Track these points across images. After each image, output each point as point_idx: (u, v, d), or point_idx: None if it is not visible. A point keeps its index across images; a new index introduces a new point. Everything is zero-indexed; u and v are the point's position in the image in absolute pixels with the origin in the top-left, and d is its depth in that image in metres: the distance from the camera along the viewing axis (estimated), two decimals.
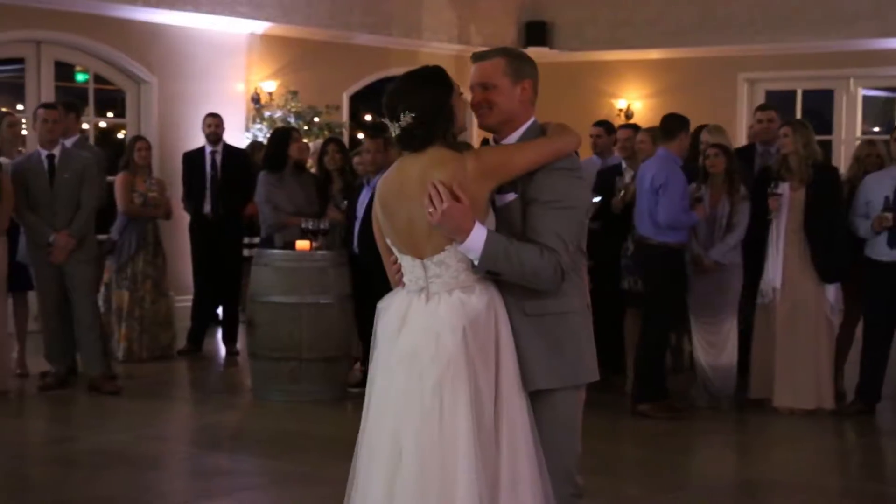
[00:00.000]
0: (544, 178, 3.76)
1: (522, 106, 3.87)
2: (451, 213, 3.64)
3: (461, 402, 3.66)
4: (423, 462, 3.67)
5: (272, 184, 9.39)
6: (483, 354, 3.71)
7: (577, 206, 3.82)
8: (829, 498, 6.70)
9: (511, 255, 3.67)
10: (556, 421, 3.85)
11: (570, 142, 3.85)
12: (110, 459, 7.22)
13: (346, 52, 14.46)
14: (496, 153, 3.85)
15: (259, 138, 12.96)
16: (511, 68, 3.85)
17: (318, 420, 8.14)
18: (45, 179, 8.78)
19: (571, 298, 3.85)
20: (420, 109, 3.74)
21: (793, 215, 8.19)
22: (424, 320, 3.77)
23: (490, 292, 3.77)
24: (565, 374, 3.84)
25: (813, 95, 15.20)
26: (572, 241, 3.78)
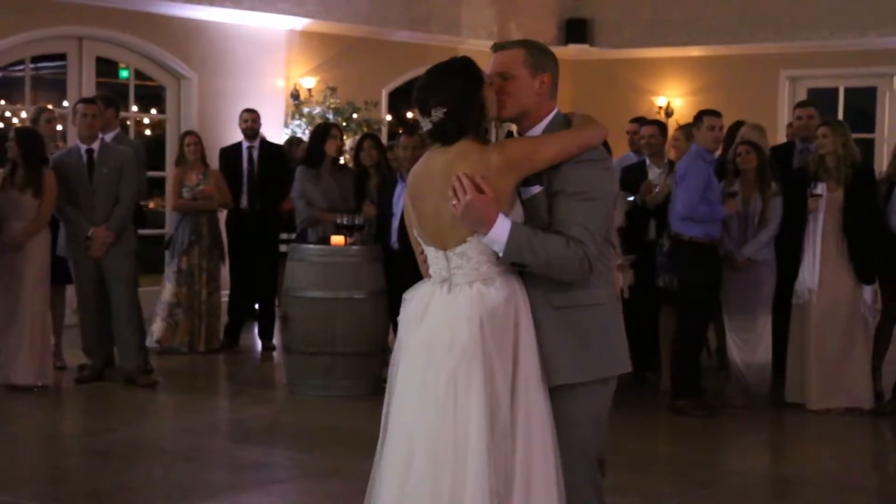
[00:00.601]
0: (571, 169, 3.72)
1: (540, 98, 3.82)
2: (473, 204, 3.62)
3: (474, 395, 3.63)
4: (436, 454, 3.66)
5: (308, 179, 9.42)
6: (500, 347, 3.67)
7: (604, 198, 3.77)
8: (865, 497, 6.66)
9: (536, 246, 3.64)
10: (584, 415, 3.80)
11: (595, 134, 3.79)
12: (145, 451, 7.29)
13: (385, 48, 14.48)
14: (521, 145, 3.81)
15: (298, 134, 13.02)
16: (530, 60, 3.82)
17: (350, 415, 8.16)
18: (84, 174, 8.86)
19: (599, 290, 3.79)
20: (451, 103, 3.72)
21: (830, 216, 8.13)
22: (443, 312, 3.75)
23: (512, 285, 3.73)
24: (594, 366, 3.79)
25: (855, 93, 15.08)
26: (599, 232, 3.73)
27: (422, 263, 3.97)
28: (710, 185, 8.16)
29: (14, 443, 7.46)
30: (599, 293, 3.79)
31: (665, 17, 15.57)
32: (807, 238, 8.20)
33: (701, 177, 8.07)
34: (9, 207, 8.68)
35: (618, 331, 3.87)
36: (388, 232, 8.92)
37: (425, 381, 3.72)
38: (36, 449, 7.46)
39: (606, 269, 3.83)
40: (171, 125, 12.96)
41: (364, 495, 6.18)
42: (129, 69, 12.78)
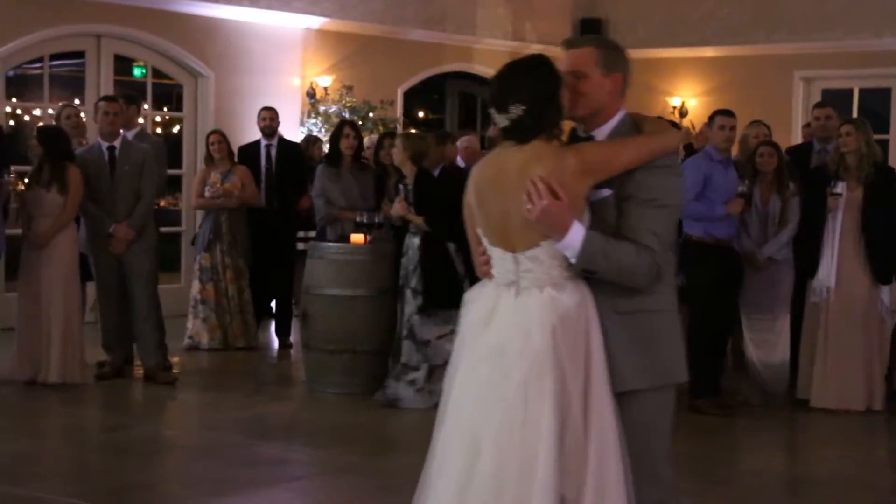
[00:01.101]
0: (645, 175, 3.66)
1: (612, 98, 3.77)
2: (549, 210, 3.55)
3: (546, 403, 3.57)
4: (501, 461, 3.60)
5: (328, 177, 9.48)
6: (572, 354, 3.61)
7: (674, 205, 3.73)
8: (879, 496, 6.68)
9: (609, 253, 3.59)
10: (643, 422, 3.74)
11: (671, 140, 3.75)
12: (165, 447, 7.34)
13: (400, 47, 14.54)
14: (600, 150, 3.72)
15: (314, 133, 13.07)
16: (603, 59, 3.77)
17: (370, 412, 8.20)
18: (105, 171, 8.91)
19: (663, 296, 3.75)
20: (531, 101, 3.65)
21: (849, 215, 8.15)
22: (513, 316, 3.68)
23: (582, 291, 3.67)
24: (657, 373, 3.74)
25: (870, 94, 15.08)
26: (667, 239, 3.70)
27: (481, 263, 3.85)
28: (711, 183, 8.14)
29: (38, 438, 7.51)
30: (664, 299, 3.76)
31: (679, 17, 15.59)
32: (825, 237, 8.22)
33: (696, 175, 8.06)
34: (36, 205, 8.75)
35: (678, 338, 3.84)
36: None
37: (492, 385, 3.65)
38: (59, 444, 7.52)
39: (671, 275, 3.80)
40: (188, 123, 13.02)
41: (383, 492, 6.29)
42: (147, 67, 12.82)
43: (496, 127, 9.79)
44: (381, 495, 6.28)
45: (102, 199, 8.90)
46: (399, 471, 6.68)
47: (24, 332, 8.77)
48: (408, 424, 8.09)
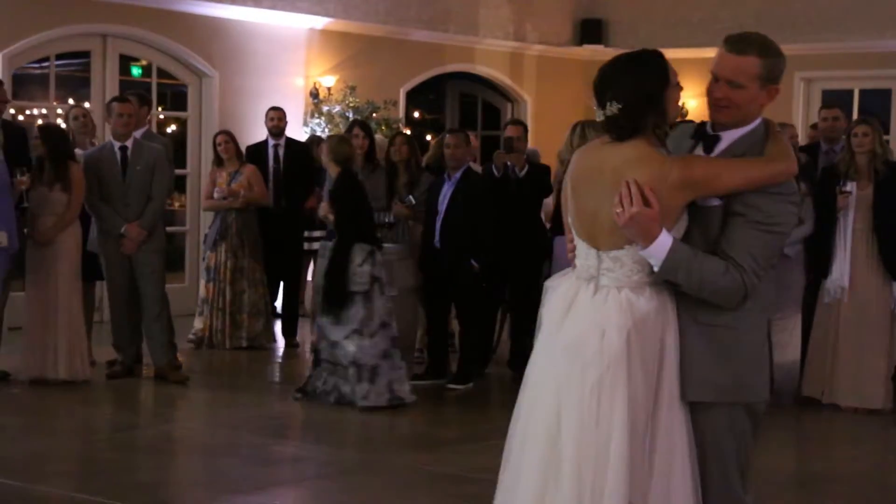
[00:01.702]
0: (756, 197, 3.56)
1: (760, 109, 3.68)
2: (639, 218, 3.48)
3: (618, 405, 3.54)
4: (580, 461, 3.58)
5: None
6: (645, 359, 3.57)
7: (782, 232, 3.62)
8: (890, 494, 6.74)
9: (692, 269, 3.53)
10: (710, 438, 3.66)
11: (785, 170, 3.59)
12: (180, 446, 7.37)
13: (403, 47, 14.58)
14: (706, 167, 3.61)
15: (317, 133, 13.11)
16: (765, 72, 3.61)
17: (382, 412, 8.20)
18: (117, 171, 8.94)
19: (749, 314, 3.65)
20: (628, 100, 3.54)
21: (860, 214, 8.20)
22: (591, 313, 3.63)
23: (662, 296, 3.62)
24: (721, 389, 3.64)
25: (870, 95, 15.15)
26: (765, 263, 3.59)
27: (569, 251, 3.83)
28: None
29: (51, 436, 7.52)
30: (747, 317, 3.65)
31: (680, 17, 15.65)
32: (837, 236, 8.25)
33: None
34: (40, 204, 8.77)
35: (758, 359, 3.71)
36: (432, 230, 9.01)
37: (570, 382, 3.62)
38: (73, 443, 7.52)
39: (763, 296, 3.71)
40: (193, 123, 13.04)
41: (399, 490, 6.33)
42: (148, 66, 12.83)
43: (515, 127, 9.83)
44: (397, 493, 6.32)
45: (114, 199, 8.92)
46: (415, 468, 6.75)
47: (31, 330, 8.79)
48: (422, 423, 8.14)
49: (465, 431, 7.81)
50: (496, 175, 9.33)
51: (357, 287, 8.16)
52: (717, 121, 3.71)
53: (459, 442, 7.46)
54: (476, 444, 7.36)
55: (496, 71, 15.91)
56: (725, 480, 3.70)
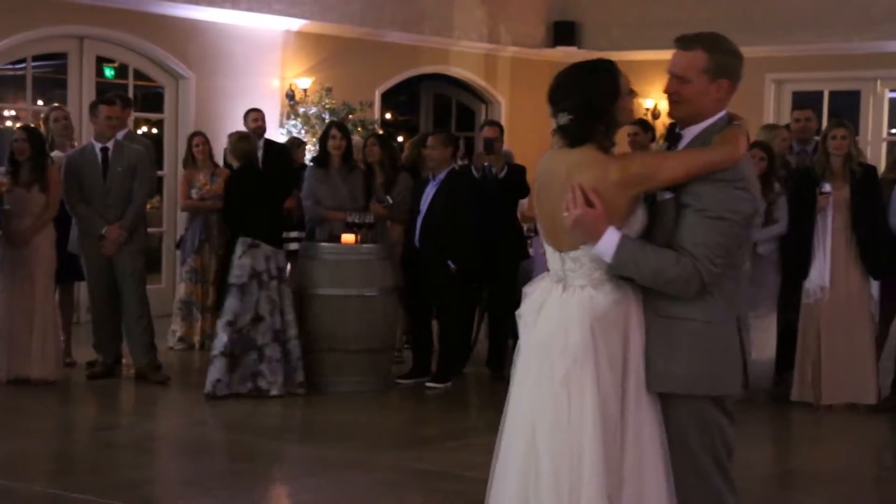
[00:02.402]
0: (700, 185, 3.65)
1: (716, 104, 3.74)
2: (582, 219, 3.62)
3: (588, 397, 3.65)
4: (556, 455, 3.69)
5: (316, 178, 9.56)
6: (610, 352, 3.68)
7: (731, 219, 3.65)
8: (864, 488, 6.86)
9: (640, 262, 3.63)
10: (677, 429, 3.74)
11: (725, 157, 3.65)
12: (164, 445, 7.40)
13: (378, 49, 14.63)
14: (643, 162, 3.77)
15: (294, 134, 13.16)
16: (711, 64, 3.70)
17: (364, 410, 8.32)
18: (98, 172, 8.96)
19: (715, 308, 3.70)
20: (578, 112, 3.69)
21: (838, 214, 8.33)
22: (557, 313, 3.76)
23: (623, 291, 3.72)
24: (682, 381, 3.71)
25: (839, 97, 15.33)
26: (718, 252, 3.64)
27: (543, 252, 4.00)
28: None
29: (33, 436, 7.54)
30: (709, 310, 3.70)
31: (652, 20, 15.76)
32: (816, 237, 8.37)
33: None
34: (18, 205, 8.79)
35: (725, 350, 3.74)
36: (414, 230, 9.11)
37: (541, 381, 3.74)
38: (56, 442, 7.55)
39: (728, 289, 3.74)
40: (169, 124, 13.06)
41: (387, 488, 6.41)
42: (129, 68, 12.84)
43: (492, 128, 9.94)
44: (387, 489, 6.38)
45: (95, 201, 8.94)
46: (402, 466, 6.81)
47: (6, 330, 8.80)
48: (403, 421, 8.22)
49: (447, 429, 7.88)
50: (476, 176, 9.42)
51: (234, 279, 8.47)
52: (672, 116, 3.85)
53: (442, 440, 7.53)
54: (458, 442, 7.45)
55: (470, 72, 16.00)
56: (698, 474, 3.76)
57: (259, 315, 8.45)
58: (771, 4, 15.02)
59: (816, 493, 6.62)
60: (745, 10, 15.10)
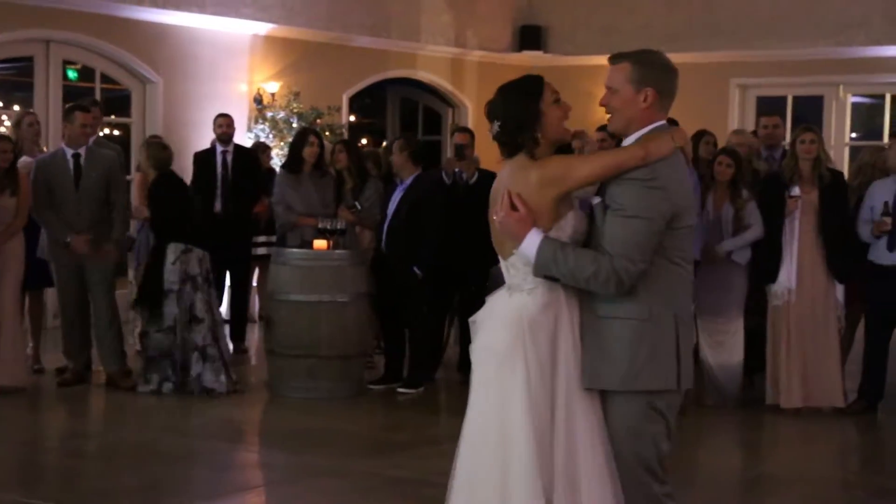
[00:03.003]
0: (615, 186, 3.85)
1: (645, 112, 3.92)
2: (506, 221, 3.87)
3: (517, 399, 3.85)
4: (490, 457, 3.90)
5: (287, 184, 9.56)
6: (539, 353, 3.87)
7: (645, 217, 3.81)
8: (833, 491, 6.93)
9: (559, 261, 3.81)
10: (618, 423, 3.91)
11: (632, 155, 3.85)
12: (138, 452, 7.34)
13: (345, 53, 14.64)
14: (557, 164, 3.94)
15: (262, 139, 13.15)
16: (635, 75, 3.91)
17: (337, 416, 8.33)
18: (69, 178, 8.88)
19: (641, 304, 3.85)
20: (504, 120, 3.98)
21: (806, 217, 8.42)
22: (496, 319, 3.98)
23: (554, 294, 3.92)
24: (612, 378, 3.88)
25: (803, 102, 15.49)
26: (636, 250, 3.79)
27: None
28: None
29: (4, 444, 7.50)
30: (641, 307, 3.86)
31: (617, 24, 15.88)
32: (784, 240, 8.46)
33: None
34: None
35: (659, 346, 3.88)
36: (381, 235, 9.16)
37: (478, 385, 3.99)
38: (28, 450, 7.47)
39: (663, 286, 3.89)
40: (136, 129, 13.01)
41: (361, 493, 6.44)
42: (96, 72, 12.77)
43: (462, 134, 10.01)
44: (361, 496, 6.40)
45: (66, 207, 8.86)
46: (377, 473, 6.82)
47: None
48: (376, 428, 8.24)
49: (420, 436, 7.90)
50: (446, 181, 9.45)
51: (169, 285, 8.71)
52: (609, 129, 4.13)
53: (415, 446, 7.55)
54: (431, 448, 7.46)
55: (437, 77, 16.04)
56: (630, 470, 3.92)
57: (196, 317, 8.73)
58: (735, 11, 15.15)
59: (785, 497, 6.67)
60: (710, 17, 15.24)
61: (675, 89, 3.98)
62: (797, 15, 14.81)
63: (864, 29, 14.54)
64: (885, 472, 7.45)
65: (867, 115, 16.22)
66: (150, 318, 8.82)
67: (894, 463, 7.80)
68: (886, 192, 8.44)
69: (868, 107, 16.14)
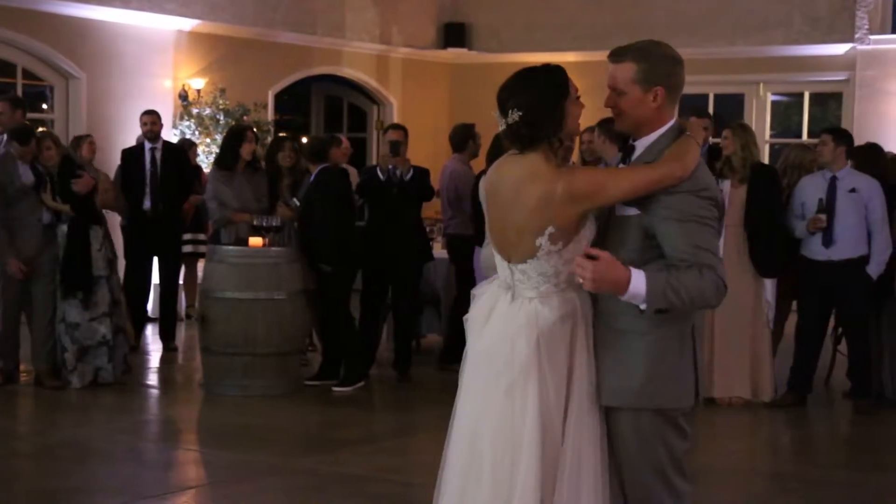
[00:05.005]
0: (669, 197, 3.61)
1: (656, 112, 3.72)
2: (600, 276, 3.51)
3: (529, 410, 3.69)
4: (496, 463, 3.74)
5: (220, 180, 9.46)
6: (554, 367, 3.71)
7: (709, 224, 3.63)
8: (764, 482, 7.05)
9: (675, 287, 3.53)
10: (624, 442, 3.76)
11: (672, 172, 3.62)
12: (79, 452, 7.21)
13: (270, 50, 14.57)
14: (590, 179, 3.72)
15: (187, 135, 13.03)
16: (642, 75, 3.70)
17: (275, 413, 8.28)
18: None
19: (665, 320, 3.65)
20: (527, 108, 3.68)
21: (732, 210, 8.56)
22: (503, 323, 3.78)
23: (571, 305, 3.74)
24: (624, 393, 3.71)
25: (724, 99, 15.72)
26: (716, 252, 3.62)
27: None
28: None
29: None
30: (663, 324, 3.66)
31: (541, 22, 15.98)
32: None
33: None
34: None
35: (673, 364, 3.71)
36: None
37: (487, 391, 3.78)
38: None
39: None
40: (59, 125, 12.82)
41: (313, 492, 6.39)
42: (17, 67, 12.55)
43: (397, 131, 10.04)
44: (305, 494, 6.36)
45: None
46: (321, 471, 6.79)
47: None
48: (314, 425, 8.21)
49: (360, 433, 7.89)
50: (381, 178, 9.44)
51: (99, 271, 8.83)
52: (618, 129, 3.86)
53: (357, 443, 7.52)
54: (373, 445, 7.47)
55: (362, 73, 16.01)
56: (639, 487, 3.78)
57: (118, 300, 9.10)
58: (657, 10, 15.34)
59: (719, 490, 6.70)
60: (631, 15, 15.39)
61: (682, 81, 3.79)
62: (718, 14, 15.04)
63: (784, 28, 14.82)
64: (816, 463, 7.57)
65: (785, 114, 16.51)
66: (84, 307, 8.74)
67: (824, 454, 7.94)
68: (818, 188, 8.59)
69: (786, 105, 16.42)
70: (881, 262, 8.49)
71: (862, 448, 8.01)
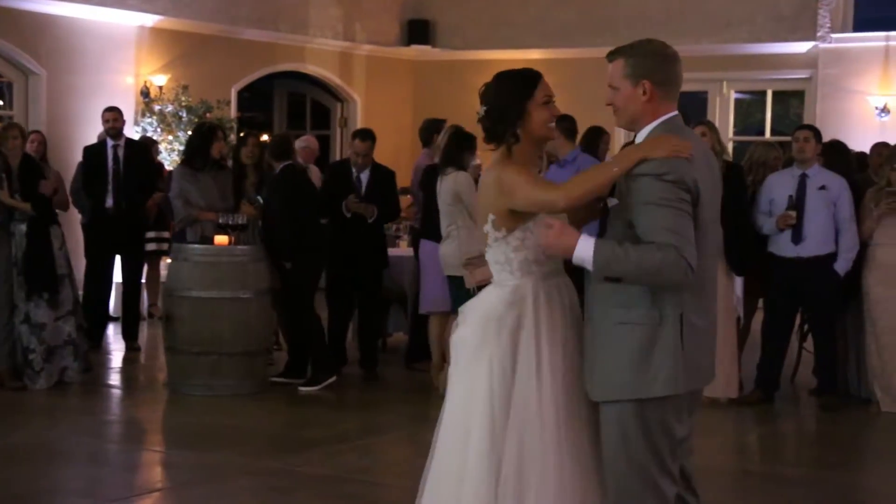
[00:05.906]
0: (633, 183, 3.70)
1: (648, 105, 3.80)
2: (553, 242, 3.76)
3: (480, 390, 3.94)
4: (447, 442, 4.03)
5: (186, 178, 9.36)
6: (501, 348, 3.93)
7: (673, 206, 3.66)
8: (731, 480, 7.04)
9: (620, 257, 3.62)
10: (606, 433, 3.81)
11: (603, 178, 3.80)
12: (42, 454, 7.11)
13: (234, 46, 14.48)
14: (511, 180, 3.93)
15: (149, 132, 12.92)
16: (630, 70, 3.80)
17: (242, 413, 8.21)
18: None
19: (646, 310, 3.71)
20: (490, 105, 4.00)
21: None
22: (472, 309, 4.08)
23: (521, 292, 3.97)
24: (606, 387, 3.78)
25: (688, 97, 15.72)
26: (688, 236, 3.65)
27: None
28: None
29: None
30: (646, 313, 3.71)
31: (506, 19, 15.97)
32: None
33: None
34: None
35: (660, 352, 3.72)
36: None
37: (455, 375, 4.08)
38: None
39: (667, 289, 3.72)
40: (19, 121, 12.60)
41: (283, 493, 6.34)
42: None
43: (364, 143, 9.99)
44: (277, 496, 6.30)
45: None
46: (290, 471, 6.73)
47: None
48: (281, 425, 8.14)
49: (329, 432, 7.81)
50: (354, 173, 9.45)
51: (61, 269, 8.83)
52: (618, 126, 4.05)
53: (327, 443, 7.45)
54: (343, 445, 7.41)
55: (326, 70, 15.93)
56: (617, 481, 3.80)
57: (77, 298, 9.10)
58: (622, 8, 15.36)
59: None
60: (597, 14, 15.41)
61: (675, 76, 3.85)
62: (682, 12, 15.08)
63: (748, 26, 14.87)
64: (784, 461, 7.60)
65: (748, 111, 16.58)
66: (50, 307, 8.67)
67: (792, 452, 7.98)
68: (786, 185, 8.61)
69: (748, 103, 16.49)
70: (849, 259, 8.53)
71: (828, 445, 8.03)
